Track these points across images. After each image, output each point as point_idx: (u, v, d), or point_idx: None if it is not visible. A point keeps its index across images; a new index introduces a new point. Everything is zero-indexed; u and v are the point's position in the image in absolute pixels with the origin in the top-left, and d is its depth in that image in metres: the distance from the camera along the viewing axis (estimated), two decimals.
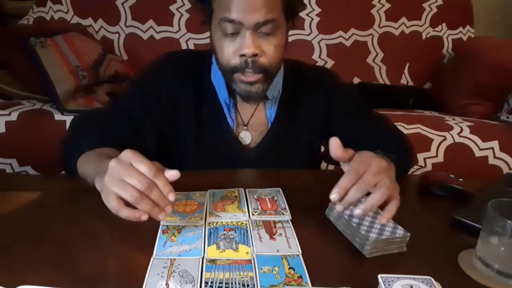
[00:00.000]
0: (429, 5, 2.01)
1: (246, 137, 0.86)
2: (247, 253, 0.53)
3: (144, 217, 0.52)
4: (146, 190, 0.51)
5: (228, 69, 0.75)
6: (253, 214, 0.63)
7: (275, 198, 0.69)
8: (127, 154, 0.53)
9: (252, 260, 0.52)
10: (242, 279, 0.48)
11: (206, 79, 0.85)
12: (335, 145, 0.58)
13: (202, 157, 0.84)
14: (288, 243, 0.56)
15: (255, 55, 0.71)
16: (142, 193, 0.51)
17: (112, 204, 0.52)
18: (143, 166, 0.52)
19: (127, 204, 0.52)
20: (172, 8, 1.92)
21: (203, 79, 0.85)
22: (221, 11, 0.70)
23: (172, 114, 0.83)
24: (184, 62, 0.86)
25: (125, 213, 0.52)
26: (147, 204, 0.51)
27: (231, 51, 0.73)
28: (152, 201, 0.52)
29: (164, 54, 0.88)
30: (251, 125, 0.86)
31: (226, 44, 0.73)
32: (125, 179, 0.51)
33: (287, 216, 0.63)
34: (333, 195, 0.54)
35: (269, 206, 0.66)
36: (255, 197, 0.69)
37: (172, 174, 0.53)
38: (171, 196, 0.52)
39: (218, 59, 0.77)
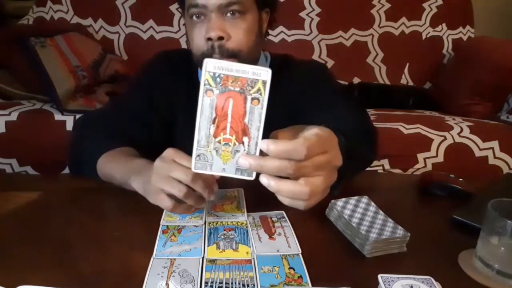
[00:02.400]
0: (429, 5, 2.01)
1: None
2: (247, 253, 0.53)
3: (193, 210, 0.58)
4: (192, 181, 0.53)
5: (199, 57, 0.74)
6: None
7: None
8: (170, 152, 0.56)
9: (252, 260, 0.52)
10: (242, 279, 0.48)
11: (196, 77, 0.85)
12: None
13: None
14: (287, 242, 0.56)
15: (220, 38, 0.70)
16: (189, 187, 0.54)
17: (166, 204, 0.55)
18: (186, 161, 0.54)
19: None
20: (172, 8, 1.92)
21: (194, 76, 0.85)
22: None
23: (170, 112, 0.84)
24: (177, 60, 0.87)
25: (180, 211, 0.56)
26: (194, 198, 0.55)
27: (199, 38, 0.72)
28: (196, 194, 0.55)
29: (159, 52, 0.89)
30: None
31: (195, 32, 0.73)
32: (171, 175, 0.53)
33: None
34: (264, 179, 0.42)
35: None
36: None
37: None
38: (215, 187, 0.56)
39: (191, 49, 0.76)
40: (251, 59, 0.79)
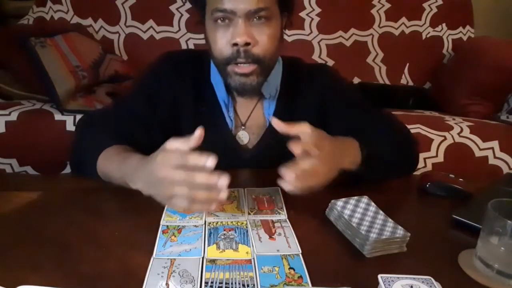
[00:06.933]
0: (429, 5, 2.00)
1: (244, 137, 0.85)
2: (247, 253, 0.53)
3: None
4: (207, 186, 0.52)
5: (222, 61, 0.74)
6: (249, 214, 0.64)
7: (273, 197, 0.69)
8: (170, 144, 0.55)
9: (252, 260, 0.52)
10: (242, 279, 0.48)
11: (205, 79, 0.85)
12: (276, 123, 0.58)
13: None
14: (287, 243, 0.56)
15: (247, 44, 0.70)
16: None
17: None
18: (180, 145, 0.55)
19: None
20: (172, 8, 1.91)
21: (202, 78, 0.85)
22: (212, 2, 0.71)
23: (174, 113, 0.84)
24: (184, 61, 0.87)
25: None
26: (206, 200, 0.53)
27: (224, 42, 0.72)
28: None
29: (165, 53, 0.88)
30: (249, 125, 0.86)
31: (219, 35, 0.72)
32: (192, 181, 0.52)
33: (283, 216, 0.64)
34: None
35: (266, 206, 0.67)
36: (253, 196, 0.69)
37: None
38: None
39: (212, 52, 0.76)
40: (272, 65, 0.80)
